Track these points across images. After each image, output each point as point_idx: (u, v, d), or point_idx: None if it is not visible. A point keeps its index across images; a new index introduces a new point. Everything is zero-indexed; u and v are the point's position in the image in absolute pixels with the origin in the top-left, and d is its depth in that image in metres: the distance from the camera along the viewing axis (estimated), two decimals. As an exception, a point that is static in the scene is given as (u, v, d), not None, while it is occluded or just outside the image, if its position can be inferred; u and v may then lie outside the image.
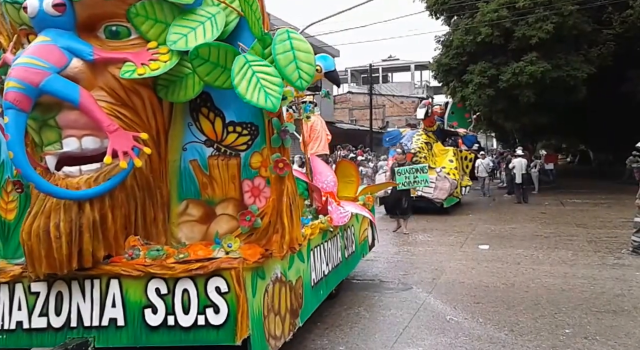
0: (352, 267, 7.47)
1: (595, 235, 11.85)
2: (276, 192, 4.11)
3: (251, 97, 3.66)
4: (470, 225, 14.01)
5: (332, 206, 6.28)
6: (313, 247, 5.49)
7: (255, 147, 4.19)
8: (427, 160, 16.08)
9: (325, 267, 5.91)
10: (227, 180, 4.22)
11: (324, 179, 6.79)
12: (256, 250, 3.96)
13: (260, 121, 4.14)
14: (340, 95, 47.97)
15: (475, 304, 6.85)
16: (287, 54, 3.85)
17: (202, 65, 3.79)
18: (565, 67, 19.85)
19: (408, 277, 8.38)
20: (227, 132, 4.20)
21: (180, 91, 4.00)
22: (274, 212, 4.09)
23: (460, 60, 22.39)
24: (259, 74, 3.75)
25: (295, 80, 3.86)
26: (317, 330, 5.97)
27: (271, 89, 3.73)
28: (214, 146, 4.24)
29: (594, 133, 30.45)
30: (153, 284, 3.79)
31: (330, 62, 6.23)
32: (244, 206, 4.17)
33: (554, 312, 6.46)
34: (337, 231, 6.45)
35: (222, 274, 3.74)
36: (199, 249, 3.90)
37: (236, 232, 4.11)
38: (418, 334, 5.83)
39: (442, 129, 18.80)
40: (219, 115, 4.19)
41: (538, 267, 8.82)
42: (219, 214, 4.24)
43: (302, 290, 4.99)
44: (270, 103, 3.69)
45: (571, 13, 19.62)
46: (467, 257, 9.87)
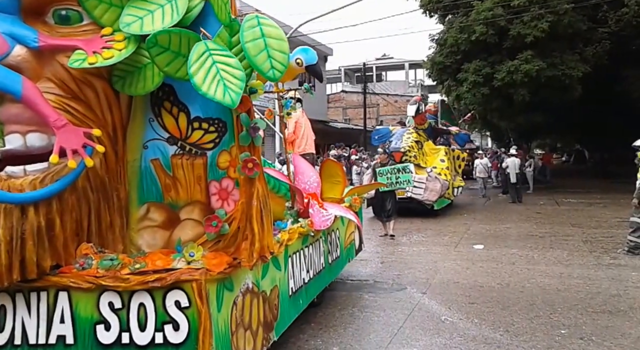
0: (337, 272, 7.11)
1: (590, 235, 11.77)
2: (246, 195, 3.72)
3: (208, 90, 3.28)
4: (464, 225, 13.91)
5: (313, 209, 5.86)
6: (291, 253, 5.12)
7: (223, 146, 3.82)
8: (418, 160, 15.49)
9: (306, 274, 5.54)
10: (192, 181, 3.85)
11: (306, 179, 6.37)
12: (222, 260, 3.57)
13: (228, 117, 3.77)
14: (334, 94, 47.76)
15: (470, 304, 6.81)
16: (257, 41, 3.48)
17: (161, 54, 3.41)
18: (561, 66, 19.83)
19: (402, 278, 8.31)
20: (192, 128, 3.82)
21: (138, 83, 3.63)
22: (243, 217, 3.69)
23: (454, 59, 22.35)
24: (219, 65, 3.37)
25: (266, 71, 3.49)
26: (310, 331, 5.92)
27: (231, 82, 3.35)
28: (178, 144, 3.86)
29: (589, 132, 30.49)
30: (106, 298, 3.39)
31: (311, 54, 5.82)
32: (211, 210, 3.81)
33: (549, 312, 6.42)
34: (319, 235, 6.08)
35: (182, 286, 3.34)
36: (157, 259, 3.51)
37: (202, 239, 3.74)
38: (412, 334, 5.78)
39: (434, 127, 18.04)
40: (183, 110, 3.82)
41: (533, 267, 8.76)
42: (183, 219, 3.86)
43: (278, 301, 4.61)
44: (229, 98, 3.30)
45: (566, 11, 19.60)
46: (462, 257, 9.80)
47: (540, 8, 19.79)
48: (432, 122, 17.91)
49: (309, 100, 33.68)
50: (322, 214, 5.87)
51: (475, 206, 18.36)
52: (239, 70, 3.42)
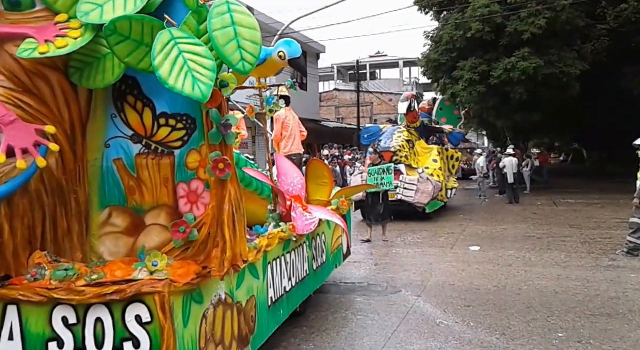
0: (323, 279, 6.82)
1: (589, 236, 11.64)
2: (217, 198, 3.43)
3: (175, 83, 2.98)
4: (460, 226, 13.77)
5: (296, 212, 5.57)
6: (271, 260, 4.82)
7: (192, 144, 3.51)
8: (409, 160, 14.93)
9: (288, 282, 5.24)
10: (159, 183, 3.55)
11: (290, 180, 6.06)
12: (190, 269, 3.26)
13: (198, 113, 3.47)
14: (327, 92, 47.53)
15: (465, 307, 6.73)
16: (226, 30, 3.18)
17: (121, 43, 3.10)
18: (558, 64, 19.69)
19: (397, 280, 8.20)
20: (158, 125, 3.51)
21: (97, 75, 3.31)
22: (214, 223, 3.40)
23: (450, 57, 22.18)
24: (187, 55, 3.06)
25: (236, 63, 3.20)
26: (302, 335, 5.83)
27: (201, 74, 3.05)
28: (143, 143, 3.55)
29: (587, 131, 30.41)
30: (59, 312, 3.07)
31: (295, 47, 5.50)
32: (179, 215, 3.51)
33: (546, 315, 6.35)
34: (302, 240, 5.76)
35: (143, 299, 3.03)
36: (117, 269, 3.19)
37: (168, 247, 3.43)
38: (407, 338, 5.71)
39: (426, 125, 17.38)
40: (148, 105, 3.50)
41: (530, 269, 8.68)
42: (148, 224, 3.55)
43: (256, 312, 4.30)
44: (199, 91, 3.01)
45: (564, 8, 19.45)
46: (458, 259, 9.70)
47: (537, 4, 19.62)
48: (426, 121, 17.46)
49: (300, 98, 33.69)
50: (306, 217, 5.56)
51: (471, 207, 18.18)
52: (209, 60, 3.13)
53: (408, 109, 15.82)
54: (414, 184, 14.02)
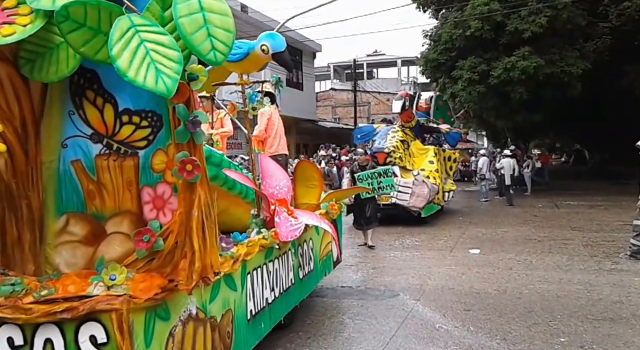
0: (310, 288, 6.47)
1: (591, 238, 11.49)
2: (184, 204, 3.14)
3: (136, 76, 2.67)
4: (460, 228, 13.59)
5: (280, 217, 5.23)
6: (251, 269, 4.51)
7: (158, 144, 3.21)
8: (404, 161, 14.22)
9: (270, 293, 4.95)
10: (121, 187, 3.25)
11: (275, 183, 5.67)
12: (152, 283, 2.95)
13: (164, 109, 3.17)
14: (323, 92, 47.23)
15: (465, 312, 6.67)
16: (194, 16, 2.87)
17: (75, 31, 2.78)
18: (559, 63, 19.48)
19: (395, 284, 8.12)
20: (120, 123, 3.21)
21: (50, 67, 3.00)
22: (182, 230, 3.12)
23: (449, 56, 21.99)
24: (149, 44, 2.76)
25: (206, 53, 2.92)
26: (298, 340, 5.78)
27: (165, 66, 2.75)
28: (104, 142, 3.25)
29: (589, 131, 30.38)
30: (4, 332, 2.76)
31: (279, 40, 5.19)
32: (144, 222, 3.21)
33: (548, 319, 6.29)
34: (287, 247, 5.46)
35: (98, 318, 2.73)
36: (70, 283, 2.88)
37: (131, 257, 3.13)
38: (406, 343, 5.65)
39: (422, 125, 16.69)
40: (109, 101, 3.20)
41: (531, 273, 8.59)
42: (110, 233, 3.24)
43: (232, 327, 3.99)
44: (163, 85, 2.71)
45: (565, 6, 19.26)
46: (457, 262, 9.62)
47: (538, 2, 19.43)
48: (423, 120, 17.02)
49: (296, 98, 33.50)
50: (291, 223, 5.23)
51: (471, 209, 17.99)
52: (174, 51, 2.83)
53: (402, 108, 15.20)
54: (409, 187, 13.40)
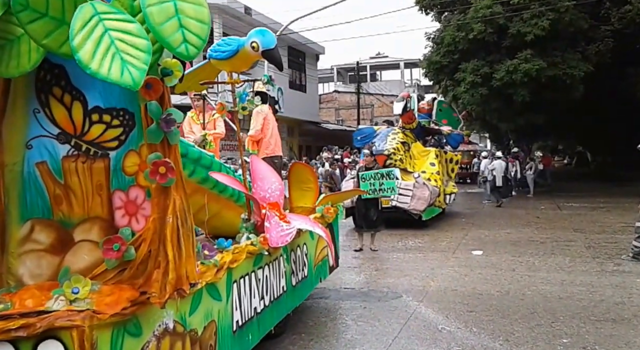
0: (304, 295, 6.21)
1: (593, 240, 11.47)
2: (158, 209, 2.90)
3: (99, 67, 2.42)
4: (462, 230, 13.56)
5: (271, 221, 5.00)
6: (237, 277, 4.27)
7: (130, 144, 2.98)
8: (404, 164, 13.94)
9: (259, 301, 4.69)
10: (91, 191, 3.01)
11: (267, 186, 5.44)
12: (120, 296, 2.70)
13: (137, 107, 2.94)
14: (326, 94, 47.32)
15: (468, 313, 6.65)
16: (164, 5, 2.63)
17: (36, 21, 2.55)
18: (562, 65, 19.44)
19: (397, 285, 8.09)
20: (90, 122, 2.97)
21: (10, 61, 2.77)
22: (156, 238, 2.88)
23: (451, 58, 21.93)
24: (114, 33, 2.51)
25: (177, 45, 2.66)
26: (301, 342, 5.74)
27: (132, 56, 2.50)
28: (72, 143, 3.01)
29: (591, 134, 30.49)
30: None
31: (269, 37, 4.97)
32: (116, 229, 2.98)
33: (551, 321, 6.27)
34: (278, 253, 5.21)
35: (58, 335, 2.47)
36: (28, 297, 2.63)
37: (101, 268, 2.88)
38: (409, 344, 5.63)
39: (423, 126, 16.41)
40: (78, 98, 2.96)
41: (534, 274, 8.58)
42: (78, 241, 3.00)
43: (216, 340, 3.74)
44: (129, 77, 2.45)
45: (567, 9, 19.25)
46: (460, 263, 9.59)
47: (540, 5, 19.36)
48: (425, 122, 16.81)
49: (300, 100, 33.37)
50: (282, 227, 5.00)
51: (473, 211, 17.92)
52: (142, 39, 2.58)
53: (404, 109, 14.93)
54: (409, 189, 13.10)
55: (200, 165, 4.76)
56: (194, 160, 4.70)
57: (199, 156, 4.78)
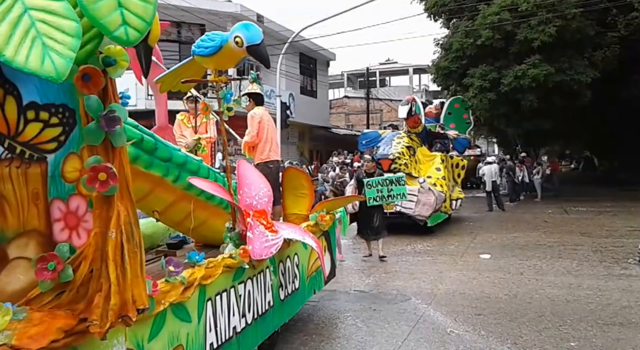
0: (295, 309, 5.89)
1: (600, 244, 11.61)
2: (100, 222, 2.53)
3: (15, 54, 2.04)
4: (470, 233, 13.74)
5: (254, 231, 4.64)
6: (213, 295, 3.93)
7: (71, 146, 2.59)
8: (409, 168, 13.71)
9: (240, 319, 4.34)
10: (27, 200, 2.61)
11: (254, 192, 5.10)
12: (51, 326, 2.30)
13: (77, 103, 2.56)
14: (336, 99, 47.84)
15: (476, 316, 6.75)
16: None
17: None
18: (569, 71, 19.62)
19: (406, 288, 8.23)
20: (25, 120, 2.58)
21: None
22: (98, 256, 2.51)
23: (460, 64, 22.14)
24: (35, 13, 2.15)
25: (114, 28, 2.31)
26: (312, 343, 5.85)
27: (56, 41, 2.13)
28: (4, 144, 2.62)
29: (598, 139, 30.73)
30: None
31: (254, 31, 4.57)
32: (55, 244, 2.60)
33: (558, 324, 6.36)
34: (264, 265, 4.88)
35: None
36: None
37: (36, 290, 2.50)
38: (417, 347, 5.72)
39: (429, 130, 16.30)
40: (11, 92, 2.56)
41: (541, 278, 8.68)
42: (12, 258, 2.60)
43: None
44: (51, 66, 2.07)
45: (574, 16, 19.39)
46: (468, 266, 9.76)
47: (547, 12, 19.49)
48: (431, 126, 16.57)
49: (310, 105, 33.24)
50: (267, 238, 4.65)
51: (481, 215, 17.97)
52: (69, 21, 2.21)
53: (409, 113, 14.64)
54: (414, 195, 12.84)
55: (186, 171, 4.55)
56: (179, 165, 4.49)
57: (184, 161, 4.55)
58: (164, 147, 4.37)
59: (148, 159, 4.16)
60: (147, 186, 4.39)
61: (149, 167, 4.18)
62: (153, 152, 4.22)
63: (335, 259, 7.27)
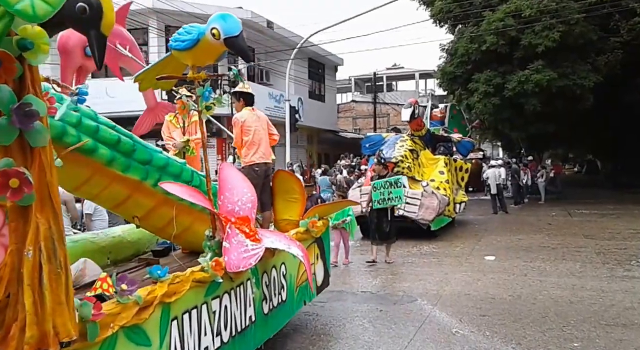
0: (282, 323, 5.39)
1: (603, 246, 11.61)
2: (16, 238, 2.22)
3: None
4: (475, 235, 13.79)
5: (232, 241, 4.20)
6: (179, 313, 3.47)
7: None
8: (413, 172, 13.42)
9: (214, 338, 3.88)
10: None
11: (237, 197, 4.62)
12: None
13: None
14: (344, 104, 47.65)
15: (481, 317, 6.73)
16: None
17: None
18: (572, 76, 19.71)
19: (412, 289, 8.22)
20: None
21: None
22: (14, 278, 2.21)
23: (465, 69, 22.25)
24: None
25: (16, 1, 2.01)
26: (320, 343, 5.87)
27: None
28: None
29: (601, 142, 30.28)
30: None
31: (232, 23, 4.14)
32: None
33: (562, 325, 6.34)
34: (245, 277, 4.35)
35: None
36: None
37: None
38: (423, 347, 5.72)
39: (433, 133, 15.99)
40: None
41: (545, 279, 8.67)
42: None
43: None
44: None
45: (577, 21, 19.50)
46: (473, 268, 9.73)
47: (551, 18, 19.65)
48: (435, 129, 16.77)
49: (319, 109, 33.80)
50: (246, 247, 4.21)
51: (486, 217, 18.09)
52: None
53: (411, 116, 14.40)
54: (417, 198, 12.63)
55: (168, 174, 4.35)
56: (160, 168, 4.30)
57: (165, 163, 4.36)
58: (143, 149, 4.13)
59: (125, 161, 3.92)
60: (125, 191, 4.15)
61: (126, 170, 3.95)
62: (131, 154, 3.97)
63: (329, 267, 6.81)
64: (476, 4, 21.99)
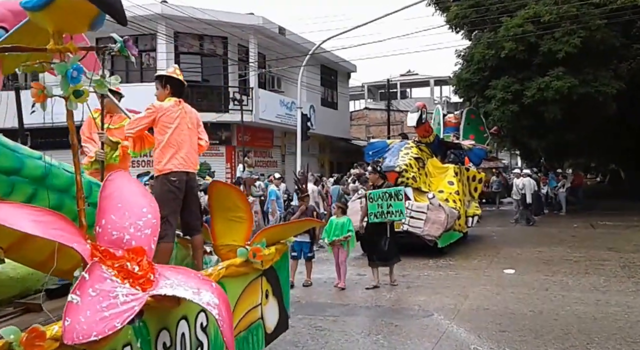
0: None
1: (628, 259, 11.32)
2: None
3: None
4: (494, 247, 13.49)
5: (87, 291, 2.60)
6: None
7: None
8: (418, 182, 12.34)
9: None
10: None
11: (127, 221, 3.22)
12: None
13: None
14: (357, 111, 47.60)
15: (500, 333, 6.55)
16: None
17: None
18: (594, 83, 19.35)
19: (429, 303, 8.06)
20: None
21: None
22: None
23: (482, 75, 21.95)
24: None
25: None
26: None
27: None
28: None
29: (625, 151, 29.74)
30: None
31: None
32: None
33: (585, 342, 6.13)
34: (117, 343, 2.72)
35: None
36: None
37: None
38: None
39: (441, 140, 14.97)
40: None
41: (568, 294, 8.46)
42: None
43: None
44: None
45: (599, 27, 19.13)
46: (492, 281, 9.54)
47: (571, 24, 19.29)
48: (447, 136, 16.23)
49: (331, 117, 33.69)
50: (114, 299, 2.62)
51: (504, 229, 17.81)
52: None
53: (418, 121, 13.11)
54: (423, 212, 11.61)
55: (48, 187, 3.43)
56: (35, 180, 3.37)
57: (43, 174, 3.38)
58: (9, 154, 3.23)
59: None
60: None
61: None
62: None
63: (287, 305, 5.34)
64: (493, 10, 21.73)
